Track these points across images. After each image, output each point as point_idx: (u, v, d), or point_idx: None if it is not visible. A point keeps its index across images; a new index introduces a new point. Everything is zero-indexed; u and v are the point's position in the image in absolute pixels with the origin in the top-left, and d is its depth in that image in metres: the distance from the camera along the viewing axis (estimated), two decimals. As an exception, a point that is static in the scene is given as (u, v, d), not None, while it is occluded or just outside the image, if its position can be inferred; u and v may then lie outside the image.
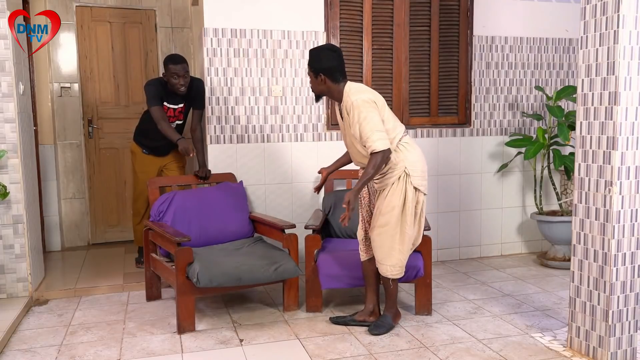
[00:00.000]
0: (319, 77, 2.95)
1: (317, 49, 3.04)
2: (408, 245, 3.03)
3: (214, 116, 4.01)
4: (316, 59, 2.96)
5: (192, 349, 2.93)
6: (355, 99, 2.87)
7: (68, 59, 4.99)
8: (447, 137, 4.53)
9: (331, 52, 2.98)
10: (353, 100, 2.87)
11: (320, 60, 2.95)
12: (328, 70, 2.94)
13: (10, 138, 3.55)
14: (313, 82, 3.01)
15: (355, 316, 3.21)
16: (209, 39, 3.95)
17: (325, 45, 3.22)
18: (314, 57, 2.98)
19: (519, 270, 4.33)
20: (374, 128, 2.82)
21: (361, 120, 2.83)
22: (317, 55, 2.98)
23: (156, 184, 3.79)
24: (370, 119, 2.82)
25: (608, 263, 2.57)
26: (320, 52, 3.00)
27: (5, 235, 3.59)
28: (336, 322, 3.21)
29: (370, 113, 2.84)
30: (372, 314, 3.19)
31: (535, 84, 4.70)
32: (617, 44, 2.47)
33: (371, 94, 2.94)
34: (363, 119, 2.82)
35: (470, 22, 4.48)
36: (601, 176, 2.59)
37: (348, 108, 2.90)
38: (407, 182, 2.96)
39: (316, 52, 3.01)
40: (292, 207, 4.21)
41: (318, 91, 3.03)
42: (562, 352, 2.83)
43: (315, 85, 3.01)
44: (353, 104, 2.86)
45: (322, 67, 2.94)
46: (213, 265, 3.15)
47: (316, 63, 2.96)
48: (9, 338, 3.08)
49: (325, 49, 3.02)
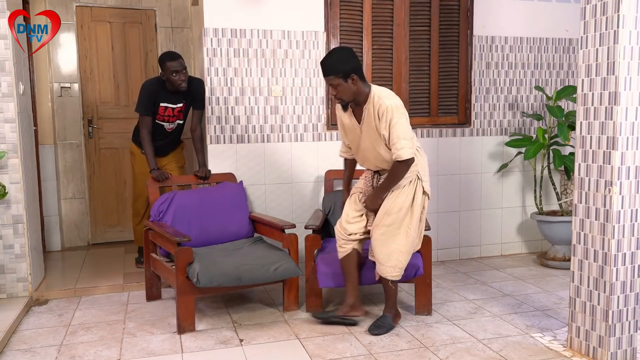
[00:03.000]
0: (350, 79, 2.83)
1: (338, 52, 2.91)
2: (410, 247, 3.04)
3: (214, 116, 4.01)
4: (343, 61, 2.84)
5: (192, 349, 2.93)
6: (390, 103, 2.82)
7: (68, 59, 4.99)
8: (447, 137, 4.53)
9: (352, 51, 2.91)
10: (388, 105, 2.81)
11: (348, 60, 2.85)
12: (358, 69, 2.86)
13: (10, 138, 3.55)
14: (343, 87, 2.84)
15: (337, 311, 3.19)
16: (209, 39, 3.95)
17: (339, 47, 3.08)
18: (340, 59, 2.84)
19: (519, 270, 4.33)
20: (404, 135, 2.83)
21: (394, 124, 2.81)
22: (342, 56, 2.86)
23: (156, 184, 3.79)
24: (402, 125, 2.83)
25: (608, 263, 2.57)
26: (344, 53, 2.89)
27: (5, 235, 3.59)
28: (319, 318, 3.19)
29: (402, 119, 2.84)
30: (353, 308, 3.16)
31: (535, 84, 4.70)
32: (617, 44, 2.47)
33: (400, 101, 2.92)
34: (396, 123, 2.81)
35: (470, 22, 4.49)
36: (601, 176, 2.59)
37: (380, 112, 2.83)
38: (418, 186, 3.01)
39: (340, 54, 2.88)
40: (292, 207, 4.21)
41: (350, 96, 2.88)
42: (562, 352, 2.83)
43: (346, 90, 2.85)
44: (388, 108, 2.81)
45: (353, 66, 2.84)
46: (213, 265, 3.15)
47: (345, 65, 2.83)
48: (9, 338, 3.08)
49: (346, 50, 2.92)
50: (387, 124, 2.83)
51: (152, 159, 3.85)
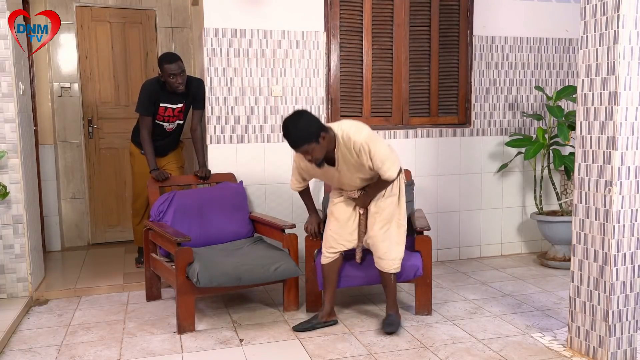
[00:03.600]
0: (321, 138, 2.79)
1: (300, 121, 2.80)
2: (403, 237, 3.12)
3: (214, 116, 4.01)
4: (308, 126, 2.79)
5: (192, 349, 2.93)
6: (361, 138, 2.81)
7: (68, 59, 4.99)
8: (447, 137, 4.53)
9: (307, 112, 2.87)
10: (362, 140, 2.81)
11: (311, 123, 2.81)
12: (322, 125, 2.84)
13: (10, 138, 3.55)
14: (316, 149, 2.80)
15: (318, 318, 3.19)
16: (209, 39, 3.95)
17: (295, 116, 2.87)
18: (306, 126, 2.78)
19: (519, 270, 4.33)
20: (386, 157, 2.86)
21: (374, 153, 2.83)
22: (306, 123, 2.80)
23: (156, 184, 3.79)
24: (380, 149, 2.84)
25: (608, 263, 2.57)
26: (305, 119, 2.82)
27: (5, 235, 3.59)
28: (302, 330, 3.14)
29: (378, 144, 2.86)
30: (331, 315, 3.21)
31: (535, 84, 4.70)
32: (617, 44, 2.47)
33: (365, 126, 2.91)
34: (375, 152, 2.83)
35: (470, 22, 4.48)
36: (601, 176, 2.59)
37: (357, 149, 2.83)
38: (400, 178, 3.11)
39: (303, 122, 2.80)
40: (292, 207, 4.21)
41: (324, 152, 2.85)
42: (562, 352, 2.83)
43: (320, 149, 2.82)
44: (363, 144, 2.81)
45: (318, 126, 2.80)
46: (213, 265, 3.15)
47: (311, 129, 2.78)
48: (9, 338, 3.08)
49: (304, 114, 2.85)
50: (367, 156, 2.84)
51: (152, 159, 3.85)
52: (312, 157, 2.84)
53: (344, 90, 4.26)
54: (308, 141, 2.78)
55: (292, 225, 3.53)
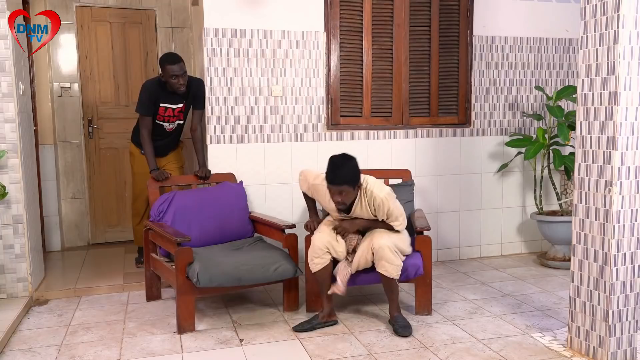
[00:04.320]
0: (357, 187, 3.02)
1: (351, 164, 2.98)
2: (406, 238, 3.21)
3: (214, 116, 4.01)
4: (356, 173, 2.99)
5: (192, 349, 2.93)
6: (382, 195, 3.03)
7: (68, 59, 4.99)
8: (447, 137, 4.53)
9: (356, 160, 3.04)
10: (383, 197, 3.03)
11: (358, 172, 3.01)
12: (360, 177, 3.04)
13: (10, 138, 3.55)
14: (349, 194, 2.99)
15: (318, 318, 3.20)
16: (209, 39, 3.95)
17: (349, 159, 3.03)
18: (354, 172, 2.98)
19: (519, 270, 4.33)
20: (400, 213, 3.13)
21: (392, 211, 3.08)
22: (355, 169, 2.99)
23: (156, 184, 3.79)
24: (396, 207, 3.11)
25: (608, 263, 2.57)
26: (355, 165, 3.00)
27: (5, 235, 3.59)
28: (302, 330, 3.14)
29: (395, 202, 3.12)
30: (330, 315, 3.23)
31: (535, 84, 4.70)
32: (617, 44, 2.47)
33: (387, 187, 3.13)
34: (392, 209, 3.08)
35: (470, 22, 4.48)
36: (601, 176, 2.59)
37: (376, 204, 3.05)
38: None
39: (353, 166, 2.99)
40: (292, 207, 4.21)
41: (352, 199, 3.05)
42: (562, 352, 2.83)
43: (352, 195, 3.02)
44: (383, 200, 3.04)
45: (359, 176, 3.02)
46: (213, 265, 3.15)
47: (357, 177, 3.00)
48: (9, 338, 3.08)
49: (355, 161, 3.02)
50: (384, 212, 3.08)
51: (152, 159, 3.85)
52: (341, 200, 3.00)
53: (344, 90, 4.26)
54: (348, 184, 2.97)
55: (292, 225, 3.53)
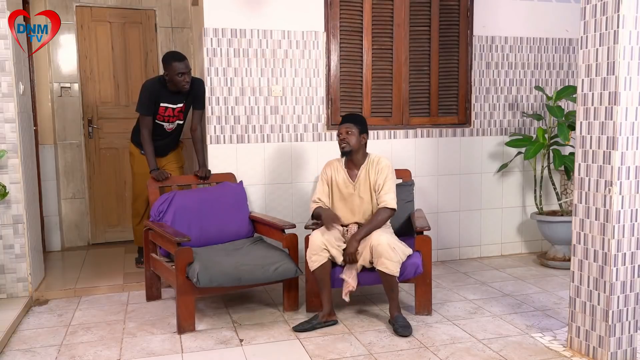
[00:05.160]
0: (362, 135, 3.34)
1: (362, 116, 3.50)
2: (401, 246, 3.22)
3: (214, 116, 4.01)
4: (365, 122, 3.38)
5: (192, 349, 2.93)
6: (388, 162, 3.36)
7: (68, 59, 4.99)
8: (447, 137, 4.53)
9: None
10: (388, 164, 3.35)
11: (366, 125, 3.39)
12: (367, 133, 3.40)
13: (10, 138, 3.55)
14: (354, 136, 3.30)
15: (318, 318, 3.20)
16: (209, 39, 3.95)
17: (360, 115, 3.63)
18: (363, 120, 3.39)
19: (519, 270, 4.33)
20: (393, 190, 3.31)
21: (389, 179, 3.31)
22: (364, 120, 3.40)
23: (156, 184, 3.79)
24: (393, 182, 3.34)
25: (608, 263, 2.57)
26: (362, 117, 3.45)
27: (5, 235, 3.59)
28: (302, 330, 3.14)
29: (394, 179, 3.36)
30: (330, 315, 3.22)
31: (535, 84, 4.70)
32: (617, 44, 2.47)
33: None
34: (390, 179, 3.31)
35: (470, 22, 4.48)
36: (601, 176, 2.59)
37: (380, 167, 3.33)
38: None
39: (363, 118, 3.42)
40: (292, 207, 4.21)
41: (355, 145, 3.32)
42: (562, 352, 2.83)
43: (355, 140, 3.32)
44: (387, 165, 3.34)
45: (367, 131, 3.38)
46: (213, 265, 3.15)
47: (365, 125, 3.37)
48: (9, 338, 3.08)
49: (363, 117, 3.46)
50: (384, 176, 3.31)
51: (152, 159, 3.85)
52: (346, 138, 3.29)
53: (344, 90, 4.26)
54: (357, 124, 3.32)
55: (292, 225, 3.53)
